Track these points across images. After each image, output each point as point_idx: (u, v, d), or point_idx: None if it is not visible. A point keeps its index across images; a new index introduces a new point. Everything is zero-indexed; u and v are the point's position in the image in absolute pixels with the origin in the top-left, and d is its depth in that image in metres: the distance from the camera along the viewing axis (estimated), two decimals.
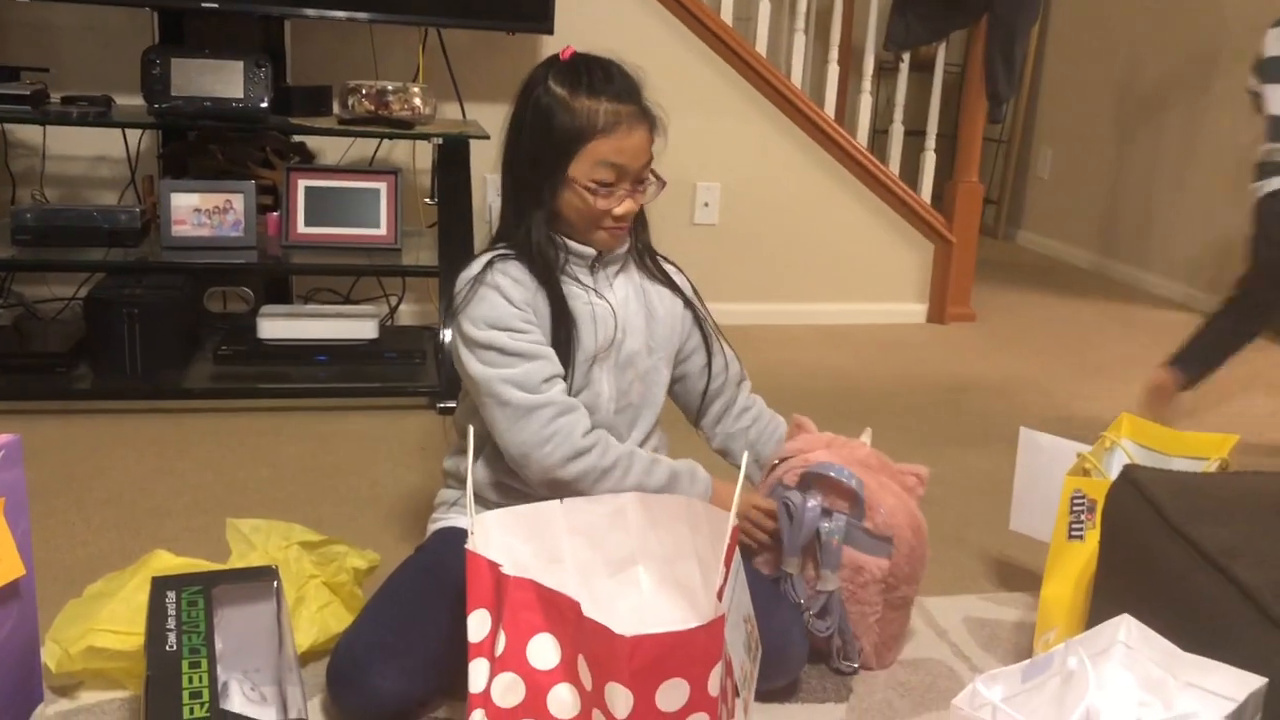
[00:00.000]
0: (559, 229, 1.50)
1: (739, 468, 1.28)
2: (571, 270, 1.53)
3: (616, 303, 1.55)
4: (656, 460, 1.51)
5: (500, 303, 1.45)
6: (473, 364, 1.45)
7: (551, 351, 1.47)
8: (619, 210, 1.47)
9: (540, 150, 1.45)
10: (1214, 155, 4.05)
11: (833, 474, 1.49)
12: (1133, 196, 4.51)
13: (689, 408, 1.74)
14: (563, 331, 1.49)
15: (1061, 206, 5.01)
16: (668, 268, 1.66)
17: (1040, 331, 3.72)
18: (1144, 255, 4.44)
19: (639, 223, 1.60)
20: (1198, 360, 2.63)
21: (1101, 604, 1.37)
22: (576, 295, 1.51)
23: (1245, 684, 1.08)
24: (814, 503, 1.49)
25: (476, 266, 1.49)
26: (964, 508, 2.22)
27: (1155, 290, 4.32)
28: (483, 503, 1.55)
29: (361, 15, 2.75)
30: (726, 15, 3.36)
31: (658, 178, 1.52)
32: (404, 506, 2.09)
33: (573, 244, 1.51)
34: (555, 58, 1.48)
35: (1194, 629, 1.15)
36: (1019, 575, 1.94)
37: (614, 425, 1.55)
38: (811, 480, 1.51)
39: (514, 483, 1.52)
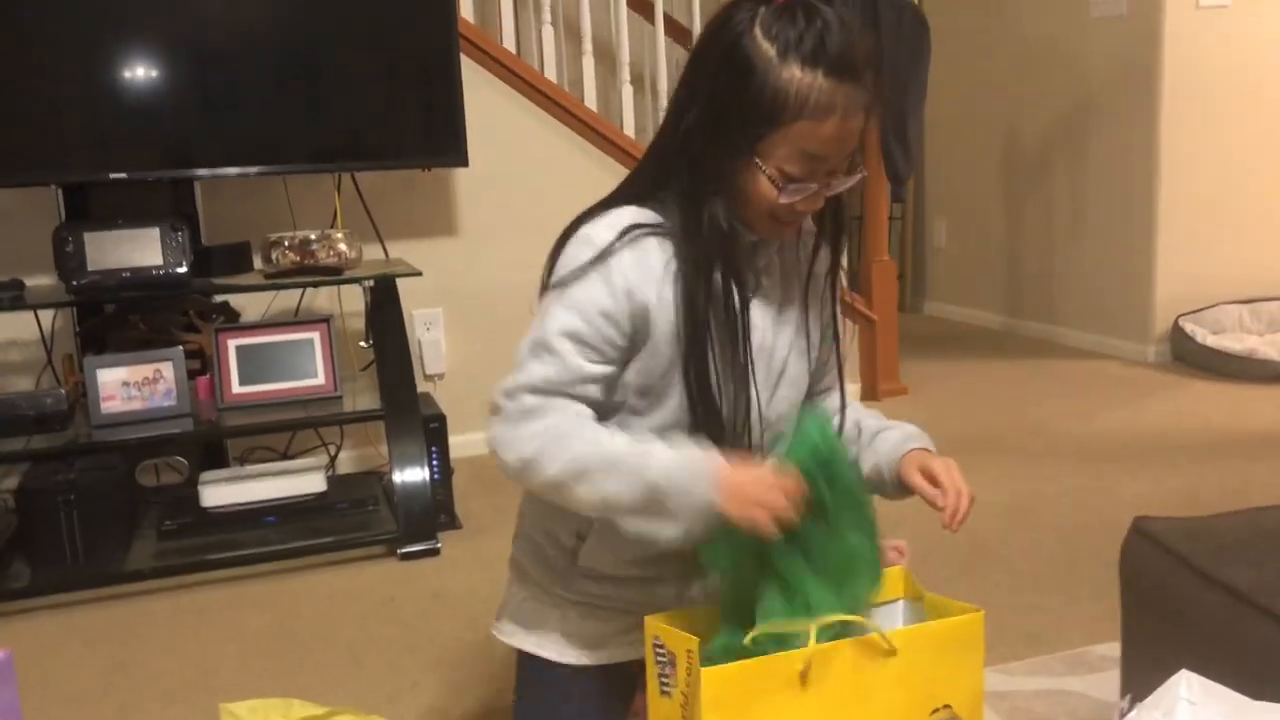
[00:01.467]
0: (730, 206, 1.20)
1: None
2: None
3: (766, 295, 1.27)
4: (633, 467, 1.15)
5: (600, 288, 1.18)
6: (524, 345, 1.21)
7: (593, 367, 1.19)
8: (803, 205, 1.18)
9: (726, 113, 1.15)
10: (1102, 207, 4.23)
11: None
12: (1030, 256, 4.68)
13: None
14: (708, 327, 1.19)
15: (963, 274, 5.17)
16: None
17: (972, 395, 3.79)
18: (1050, 310, 4.58)
19: (835, 218, 1.29)
20: None
21: (1135, 666, 1.36)
22: (737, 290, 1.22)
23: None
24: None
25: (605, 233, 1.19)
26: (956, 573, 2.22)
27: (1065, 341, 4.46)
28: (545, 595, 1.35)
29: (275, 169, 2.73)
30: (630, 130, 3.42)
31: (858, 166, 1.21)
32: (385, 664, 2.00)
33: (735, 221, 1.21)
34: None
35: (1246, 674, 1.15)
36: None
37: (773, 436, 1.29)
38: None
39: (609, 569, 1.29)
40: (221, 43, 2.65)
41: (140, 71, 2.56)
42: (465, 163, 2.84)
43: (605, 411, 1.24)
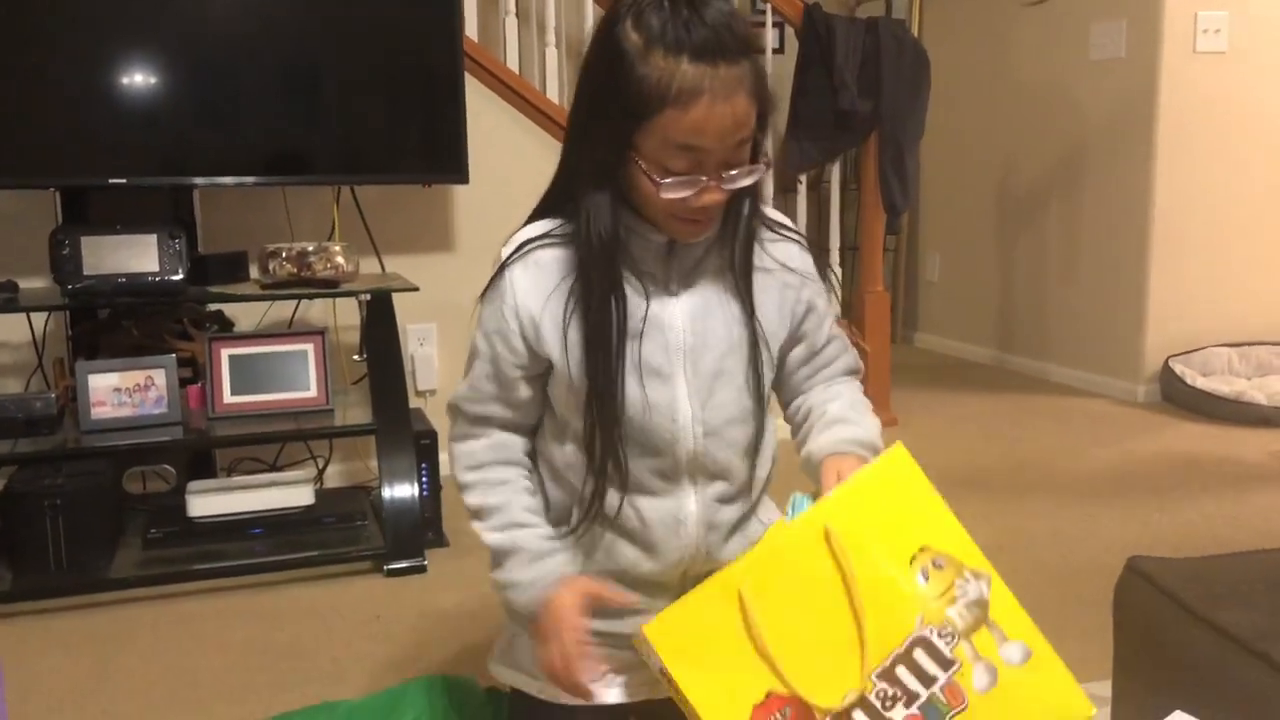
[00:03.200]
0: (627, 203, 1.17)
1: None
2: (638, 254, 1.20)
3: (692, 298, 1.22)
4: (515, 524, 1.26)
5: (494, 309, 1.22)
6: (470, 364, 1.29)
7: (495, 386, 1.26)
8: (696, 203, 1.13)
9: (601, 108, 1.12)
10: (1095, 246, 4.26)
11: None
12: (1023, 292, 4.70)
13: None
14: (602, 335, 1.17)
15: (954, 307, 5.19)
16: (780, 249, 1.28)
17: (962, 428, 3.79)
18: (1041, 347, 4.60)
19: (740, 207, 1.21)
20: None
21: (1128, 706, 1.36)
22: (647, 293, 1.20)
23: None
24: None
25: (507, 249, 1.23)
26: None
27: (1056, 378, 4.48)
28: None
29: (275, 180, 2.73)
30: None
31: (760, 160, 1.15)
32: (371, 683, 1.98)
33: (641, 223, 1.18)
34: None
35: (1238, 718, 1.15)
36: None
37: (706, 451, 1.24)
38: None
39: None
40: (226, 52, 2.65)
41: (143, 77, 2.56)
42: (466, 180, 2.84)
43: (534, 419, 1.32)
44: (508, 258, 1.22)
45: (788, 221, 1.32)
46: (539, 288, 1.20)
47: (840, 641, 1.09)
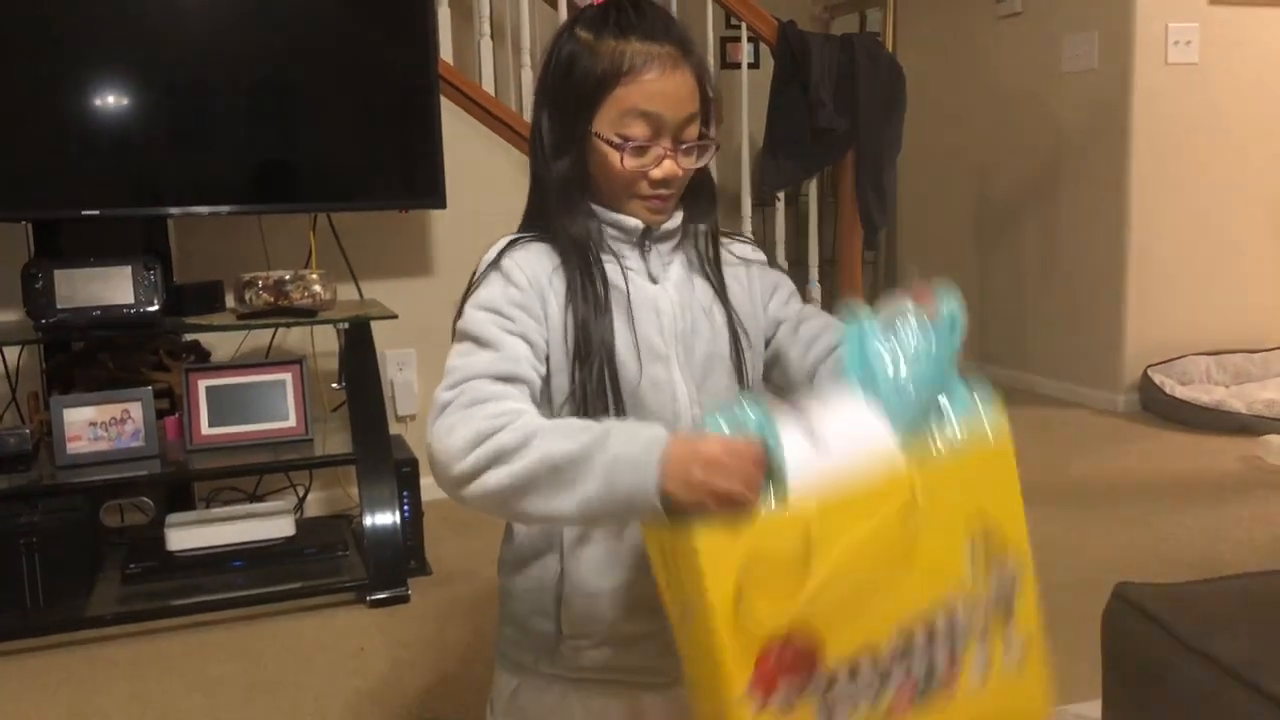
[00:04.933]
0: (595, 199, 1.24)
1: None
2: (615, 247, 1.25)
3: (675, 287, 1.26)
4: (582, 425, 1.05)
5: (499, 284, 1.20)
6: (450, 356, 1.17)
7: (527, 346, 1.16)
8: (656, 173, 1.20)
9: (564, 106, 1.21)
10: (1073, 257, 4.28)
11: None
12: (1002, 302, 4.72)
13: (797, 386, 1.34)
14: (592, 313, 1.19)
15: None
16: (736, 247, 1.35)
17: None
18: (1020, 357, 4.61)
19: (700, 196, 1.29)
20: None
21: None
22: (629, 278, 1.23)
23: None
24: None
25: (493, 252, 1.24)
26: None
27: (1036, 388, 4.49)
28: (537, 678, 1.28)
29: (251, 208, 2.70)
30: None
31: (709, 138, 1.23)
32: (353, 717, 1.96)
33: (611, 214, 1.24)
34: (587, 6, 1.23)
35: None
36: None
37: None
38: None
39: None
40: (197, 80, 2.62)
41: (114, 107, 2.53)
42: (443, 204, 2.83)
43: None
44: (501, 250, 1.23)
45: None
46: (541, 266, 1.22)
47: (881, 590, 1.05)
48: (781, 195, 3.76)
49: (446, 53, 3.20)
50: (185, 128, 2.61)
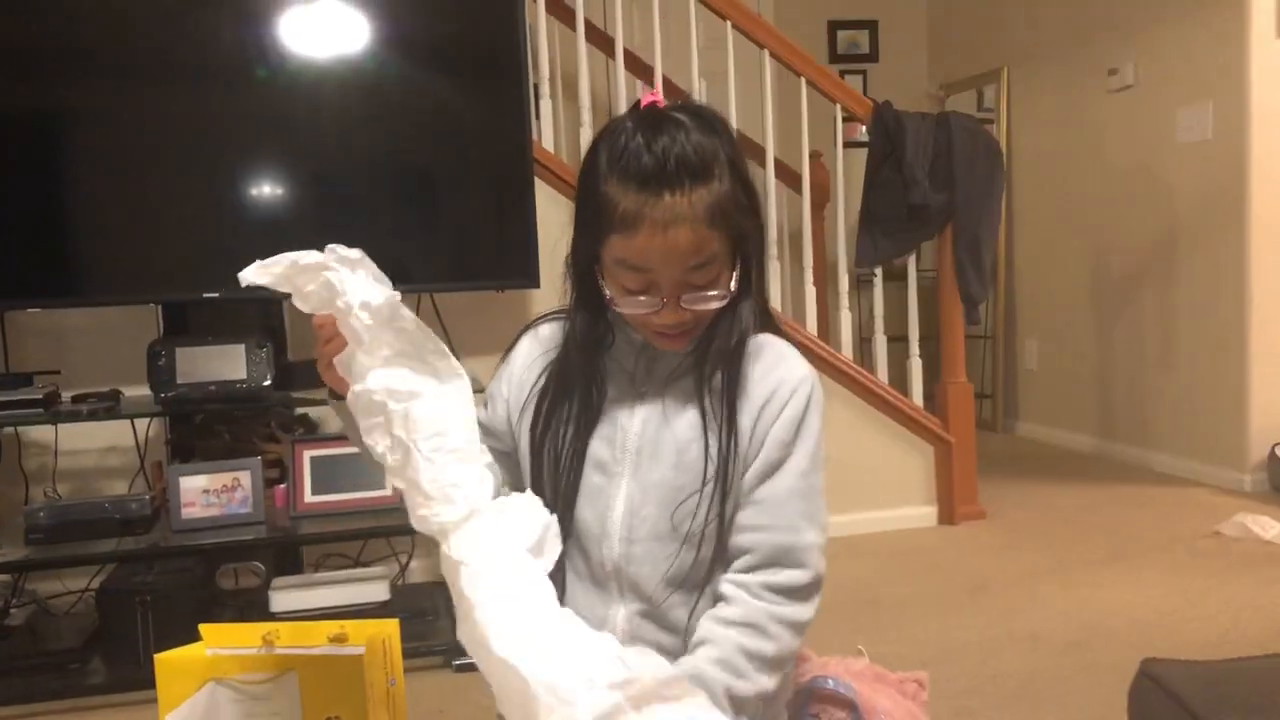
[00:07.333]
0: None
1: None
2: (621, 357, 1.24)
3: (660, 405, 1.21)
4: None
5: (502, 365, 1.31)
6: None
7: (500, 419, 1.28)
8: (658, 322, 1.16)
9: (581, 218, 1.18)
10: (1193, 332, 4.14)
11: (830, 685, 1.47)
12: (1122, 378, 4.59)
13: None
14: (558, 404, 1.22)
15: (1054, 395, 5.08)
16: (772, 381, 1.20)
17: (1052, 521, 3.70)
18: (1143, 434, 4.47)
19: (716, 335, 1.19)
20: None
21: None
22: (614, 381, 1.23)
23: None
24: (811, 715, 1.46)
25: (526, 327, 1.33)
26: (996, 713, 2.17)
27: (1159, 468, 4.33)
28: None
29: None
30: None
31: (720, 284, 1.15)
32: None
33: (625, 324, 1.22)
34: (631, 109, 1.16)
35: None
36: None
37: (630, 561, 1.19)
38: (806, 697, 1.49)
39: None
40: (311, 168, 2.84)
41: (237, 198, 2.76)
42: (537, 284, 2.96)
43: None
44: (525, 326, 1.32)
45: (787, 346, 1.27)
46: (531, 355, 1.29)
47: None
48: (879, 270, 3.78)
49: (549, 141, 3.37)
50: (302, 214, 2.82)
